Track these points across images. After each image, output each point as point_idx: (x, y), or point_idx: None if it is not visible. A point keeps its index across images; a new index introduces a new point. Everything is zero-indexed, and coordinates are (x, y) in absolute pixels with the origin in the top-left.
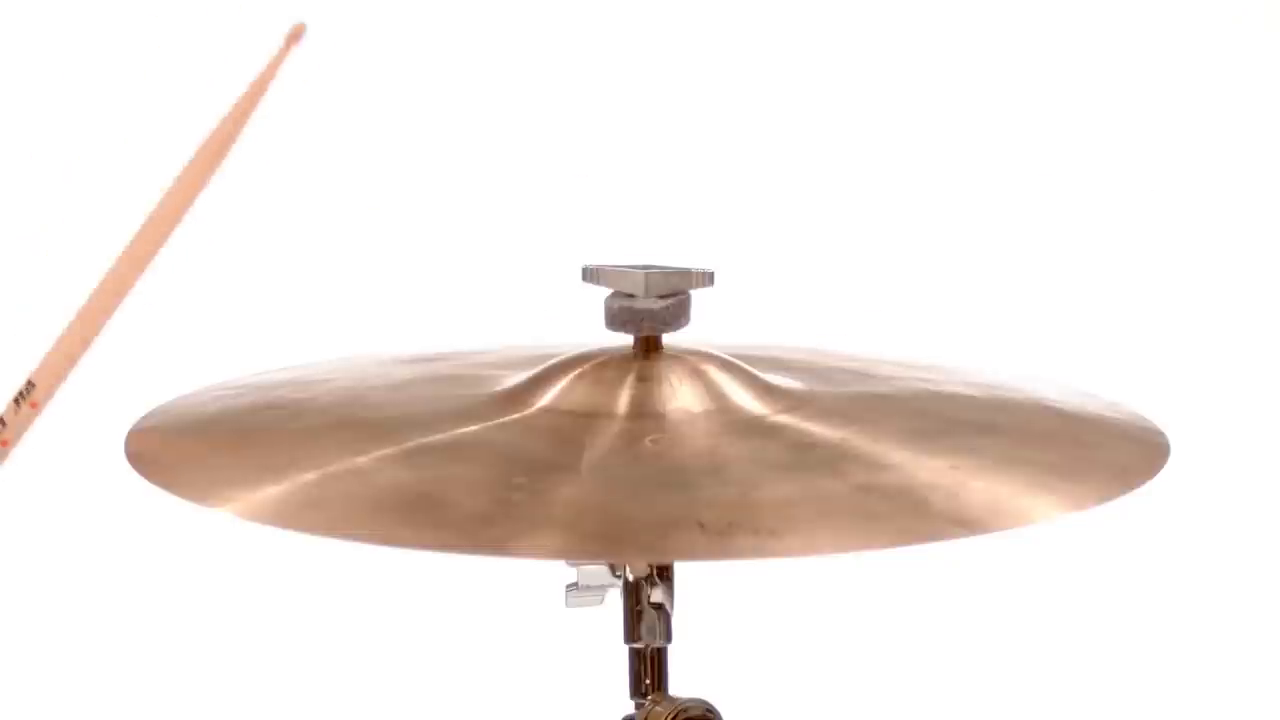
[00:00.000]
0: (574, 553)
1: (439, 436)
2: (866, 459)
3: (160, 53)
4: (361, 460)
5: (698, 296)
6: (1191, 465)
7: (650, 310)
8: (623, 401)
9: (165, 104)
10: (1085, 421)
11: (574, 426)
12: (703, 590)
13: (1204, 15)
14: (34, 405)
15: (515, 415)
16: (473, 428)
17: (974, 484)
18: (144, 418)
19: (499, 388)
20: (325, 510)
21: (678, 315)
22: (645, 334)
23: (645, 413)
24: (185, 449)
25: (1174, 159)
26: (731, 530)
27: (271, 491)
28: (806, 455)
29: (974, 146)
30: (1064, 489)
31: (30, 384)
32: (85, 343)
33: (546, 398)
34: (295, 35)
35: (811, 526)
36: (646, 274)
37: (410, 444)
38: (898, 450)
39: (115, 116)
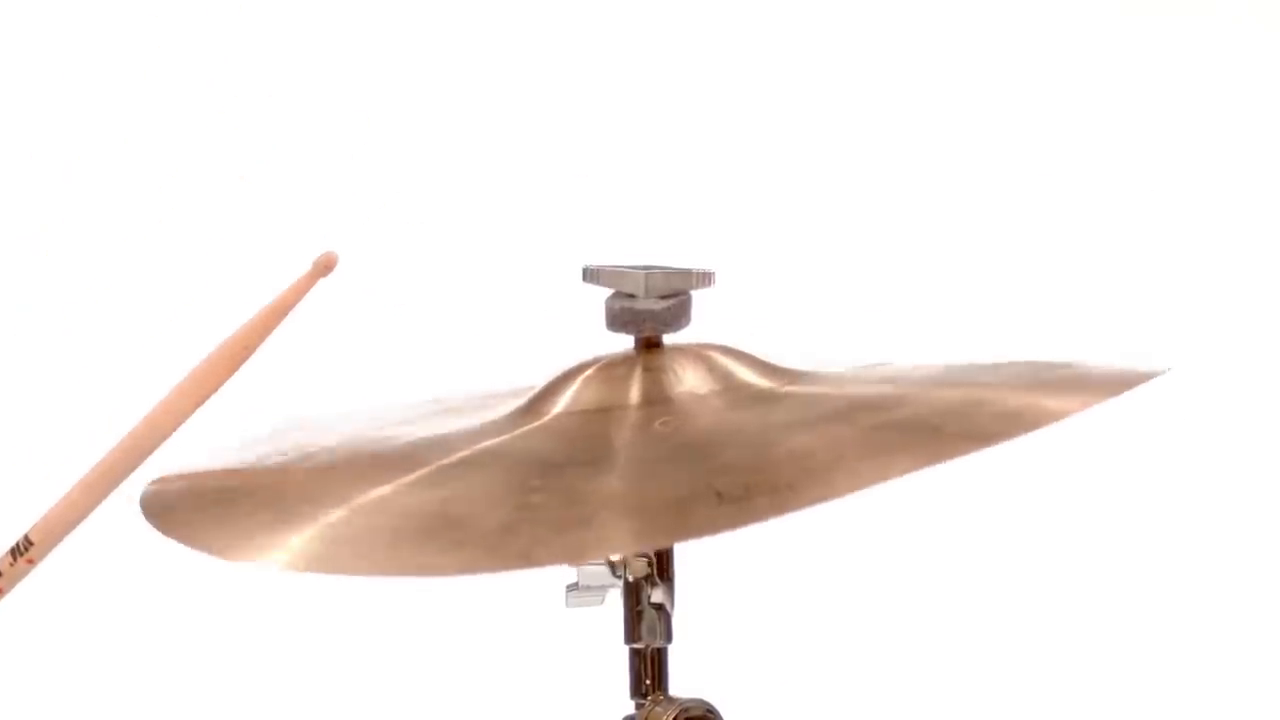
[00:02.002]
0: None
1: (462, 454)
2: (877, 404)
3: (160, 52)
4: (384, 490)
5: (698, 297)
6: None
7: (651, 311)
8: (634, 394)
9: (165, 105)
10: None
11: (592, 423)
12: (703, 590)
13: (1204, 15)
14: (30, 561)
15: (534, 424)
16: (494, 441)
17: (986, 406)
18: (153, 483)
19: (512, 407)
20: (363, 548)
21: (679, 315)
22: (646, 334)
23: (656, 400)
24: (201, 503)
25: (1174, 159)
26: (749, 494)
27: (308, 534)
28: (817, 410)
29: (974, 146)
30: (1073, 395)
31: (29, 541)
32: (86, 511)
33: (561, 403)
34: (325, 266)
35: (828, 472)
36: (647, 274)
37: (433, 466)
38: (909, 392)
39: (115, 116)
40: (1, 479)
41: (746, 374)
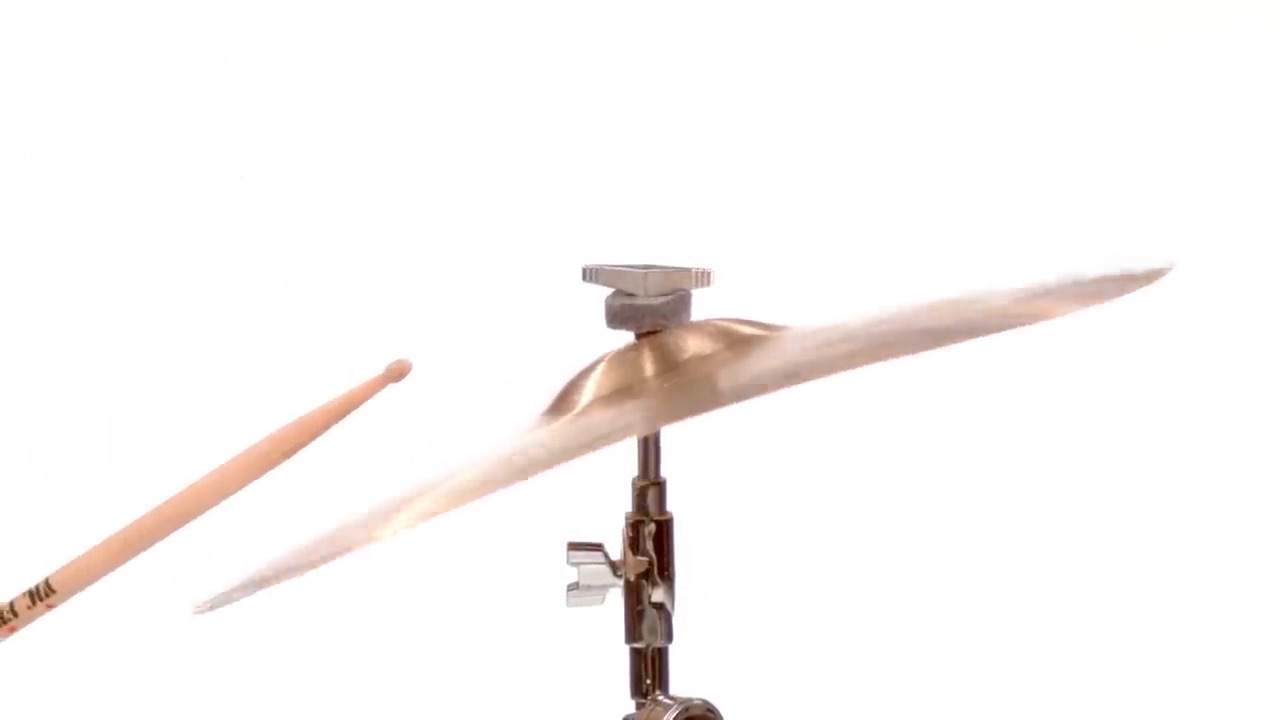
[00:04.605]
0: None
1: (510, 451)
2: (875, 320)
3: (160, 52)
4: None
5: (696, 296)
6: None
7: (651, 307)
8: (649, 369)
9: (165, 104)
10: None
11: (620, 400)
12: (703, 590)
13: (1204, 15)
14: (49, 606)
15: (567, 417)
16: (540, 434)
17: (979, 304)
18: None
19: (539, 412)
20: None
21: (678, 312)
22: (646, 331)
23: (667, 368)
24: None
25: (1171, 160)
26: (761, 389)
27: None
28: (817, 337)
29: (973, 144)
30: (1070, 301)
31: (50, 589)
32: (110, 568)
33: (587, 394)
34: (398, 373)
35: (830, 366)
36: (646, 273)
37: (487, 465)
38: (905, 314)
39: (115, 116)
40: (0, 479)
41: (747, 330)
